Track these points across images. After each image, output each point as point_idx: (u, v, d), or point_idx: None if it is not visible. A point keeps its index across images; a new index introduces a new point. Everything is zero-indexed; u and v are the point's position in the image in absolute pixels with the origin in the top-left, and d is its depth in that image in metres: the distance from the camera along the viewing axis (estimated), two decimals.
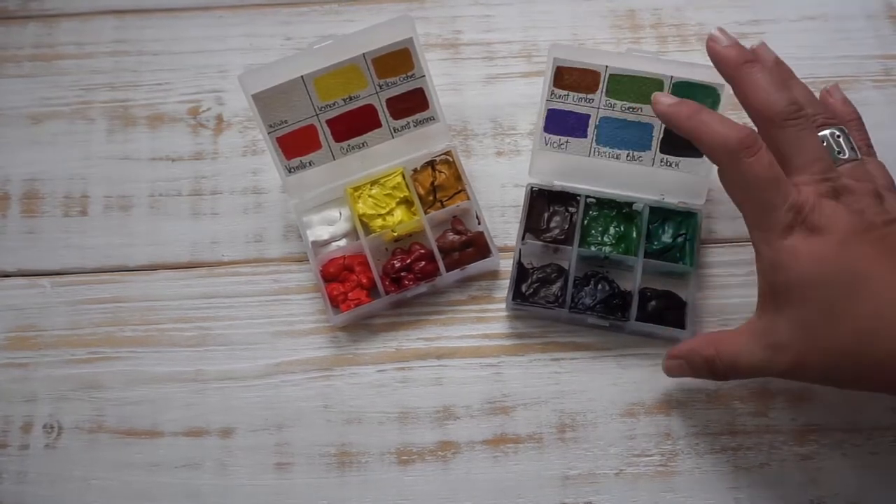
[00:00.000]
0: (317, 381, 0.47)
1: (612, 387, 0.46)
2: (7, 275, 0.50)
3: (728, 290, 0.48)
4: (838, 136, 0.41)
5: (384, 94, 0.47)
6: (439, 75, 0.53)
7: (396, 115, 0.48)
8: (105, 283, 0.49)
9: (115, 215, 0.51)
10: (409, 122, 0.49)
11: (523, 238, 0.47)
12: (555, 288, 0.47)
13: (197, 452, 0.46)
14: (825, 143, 0.40)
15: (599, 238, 0.48)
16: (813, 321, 0.37)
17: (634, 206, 0.48)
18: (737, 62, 0.40)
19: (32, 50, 0.56)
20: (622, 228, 0.48)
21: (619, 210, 0.48)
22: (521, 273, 0.47)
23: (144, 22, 0.56)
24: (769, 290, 0.39)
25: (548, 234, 0.48)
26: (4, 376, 0.48)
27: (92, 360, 0.48)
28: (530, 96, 0.53)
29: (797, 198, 0.37)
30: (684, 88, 0.45)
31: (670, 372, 0.44)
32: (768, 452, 0.45)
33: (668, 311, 0.46)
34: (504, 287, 0.48)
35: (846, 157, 0.41)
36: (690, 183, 0.47)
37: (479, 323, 0.48)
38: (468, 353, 0.47)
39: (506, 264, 0.48)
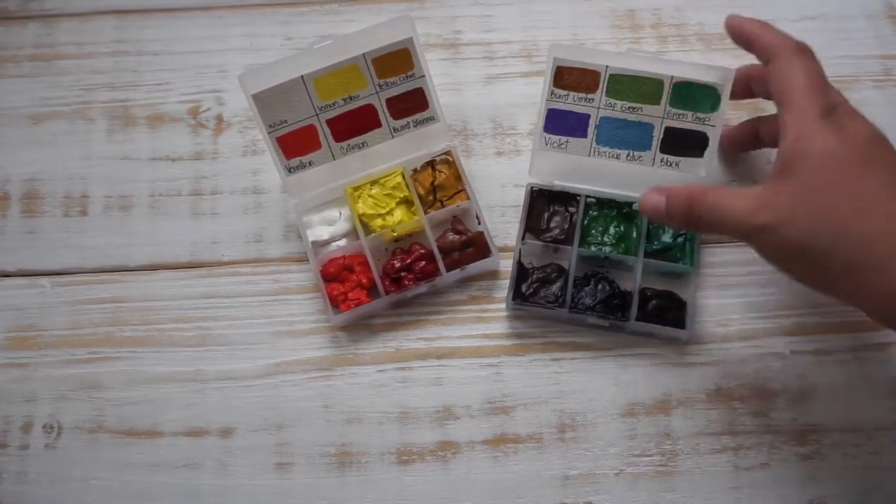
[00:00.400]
0: (317, 381, 0.47)
1: (612, 387, 0.46)
2: (7, 275, 0.50)
3: (728, 290, 0.48)
4: None
5: (384, 93, 0.47)
6: (439, 75, 0.53)
7: (396, 115, 0.48)
8: (105, 283, 0.49)
9: (115, 215, 0.51)
10: (409, 122, 0.49)
11: (523, 238, 0.47)
12: (555, 288, 0.47)
13: (197, 452, 0.46)
14: None
15: (599, 238, 0.48)
16: (815, 190, 0.38)
17: (634, 206, 0.48)
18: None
19: (32, 50, 0.56)
20: (622, 228, 0.48)
21: (619, 210, 0.48)
22: (521, 273, 0.47)
23: (144, 22, 0.56)
24: (785, 159, 0.39)
25: (548, 234, 0.48)
26: (4, 376, 0.48)
27: (92, 360, 0.48)
28: (530, 96, 0.53)
29: (837, 98, 0.40)
30: (684, 89, 0.45)
31: (644, 204, 0.42)
32: (769, 452, 0.45)
33: (668, 310, 0.46)
34: (504, 287, 0.48)
35: None
36: (690, 183, 0.47)
37: (479, 323, 0.48)
38: (468, 353, 0.47)
39: (506, 264, 0.48)
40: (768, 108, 0.52)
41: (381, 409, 0.46)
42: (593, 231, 0.48)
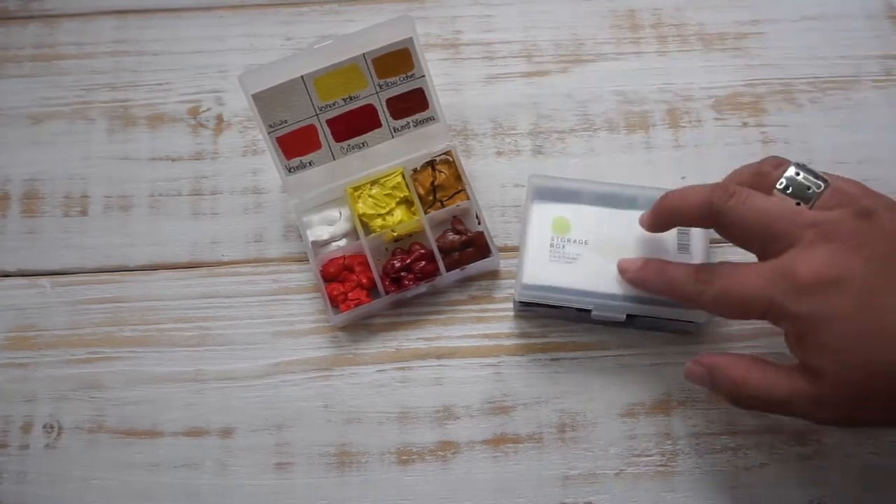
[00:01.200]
0: (317, 381, 0.47)
1: (612, 387, 0.46)
2: (7, 275, 0.50)
3: None
4: (798, 173, 0.38)
5: (384, 94, 0.47)
6: (439, 75, 0.53)
7: (396, 115, 0.48)
8: (105, 283, 0.49)
9: (115, 215, 0.51)
10: (409, 122, 0.49)
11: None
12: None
13: (197, 452, 0.46)
14: (790, 188, 0.38)
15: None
16: (852, 371, 0.35)
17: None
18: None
19: (33, 50, 0.56)
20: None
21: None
22: None
23: (145, 22, 0.56)
24: (803, 356, 0.37)
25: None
26: (4, 376, 0.48)
27: (92, 360, 0.48)
28: (530, 96, 0.53)
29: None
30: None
31: (690, 377, 0.41)
32: (768, 452, 0.45)
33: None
34: (504, 287, 0.48)
35: (820, 187, 0.38)
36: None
37: (479, 323, 0.48)
38: (468, 352, 0.47)
39: (506, 264, 0.48)
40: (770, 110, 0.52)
41: (381, 409, 0.46)
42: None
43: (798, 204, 0.38)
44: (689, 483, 0.44)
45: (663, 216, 0.42)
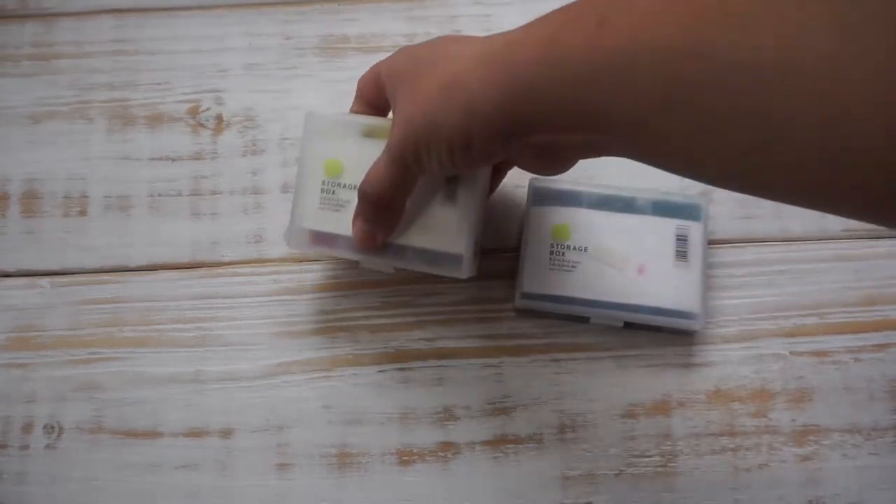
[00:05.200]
0: (317, 381, 0.47)
1: (612, 387, 0.46)
2: (7, 275, 0.50)
3: (727, 291, 0.48)
4: None
5: None
6: None
7: None
8: (105, 283, 0.49)
9: (114, 215, 0.51)
10: None
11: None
12: None
13: (197, 453, 0.46)
14: None
15: None
16: (406, 90, 0.38)
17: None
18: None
19: (31, 49, 0.55)
20: None
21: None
22: None
23: (143, 21, 0.56)
24: (391, 102, 0.40)
25: None
26: (4, 377, 0.48)
27: (92, 361, 0.48)
28: None
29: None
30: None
31: (357, 240, 0.43)
32: (768, 453, 0.45)
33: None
34: (504, 288, 0.48)
35: None
36: None
37: (480, 323, 0.48)
38: (469, 353, 0.47)
39: (506, 265, 0.49)
40: None
41: (381, 409, 0.46)
42: None
43: None
44: (689, 484, 0.44)
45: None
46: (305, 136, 0.44)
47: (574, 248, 0.46)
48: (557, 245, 0.46)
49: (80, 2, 0.57)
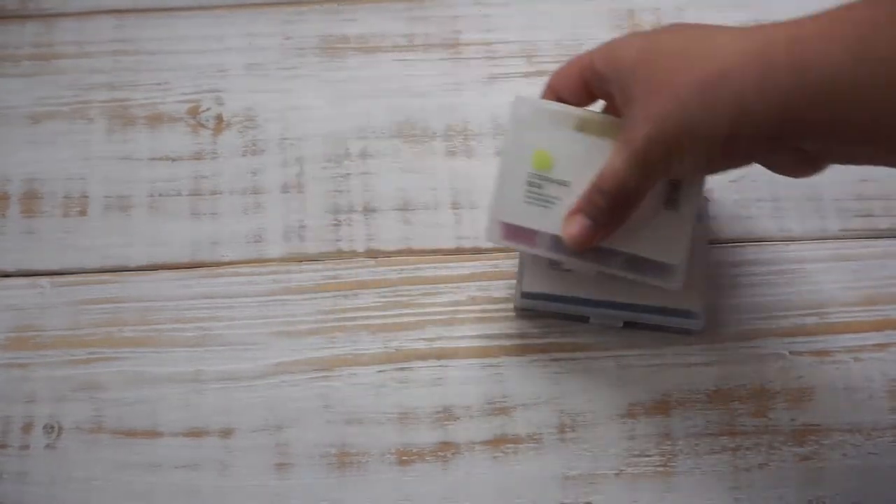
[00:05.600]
0: (317, 381, 0.47)
1: (611, 387, 0.46)
2: (7, 275, 0.50)
3: (727, 291, 0.48)
4: None
5: None
6: (439, 75, 0.53)
7: None
8: (105, 283, 0.49)
9: (114, 215, 0.51)
10: None
11: None
12: None
13: (197, 453, 0.46)
14: None
15: None
16: (651, 81, 0.36)
17: None
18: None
19: (31, 49, 0.55)
20: None
21: None
22: None
23: (143, 21, 0.56)
24: (619, 94, 0.38)
25: None
26: (4, 376, 0.47)
27: (92, 361, 0.48)
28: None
29: None
30: None
31: (573, 236, 0.40)
32: (767, 453, 0.45)
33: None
34: (503, 287, 0.48)
35: None
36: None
37: (480, 323, 0.48)
38: (468, 353, 0.47)
39: (507, 265, 0.49)
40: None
41: (381, 409, 0.46)
42: None
43: None
44: (689, 484, 0.44)
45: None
46: (513, 122, 0.41)
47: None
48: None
49: (80, 2, 0.57)
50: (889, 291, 0.48)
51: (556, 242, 0.41)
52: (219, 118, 0.53)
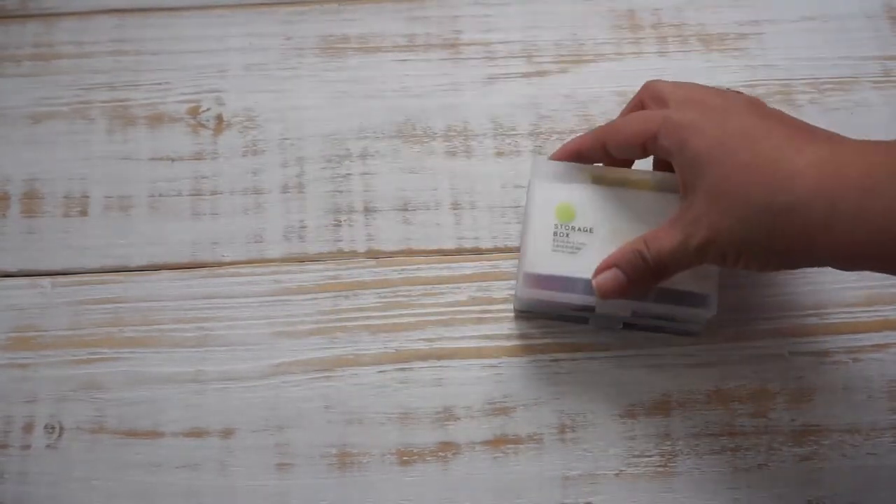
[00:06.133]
0: (317, 381, 0.47)
1: (612, 387, 0.46)
2: (7, 275, 0.50)
3: (726, 291, 0.48)
4: None
5: None
6: (439, 75, 0.53)
7: None
8: (105, 283, 0.49)
9: (115, 215, 0.51)
10: None
11: None
12: None
13: (197, 453, 0.46)
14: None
15: None
16: (720, 185, 0.37)
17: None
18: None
19: (32, 49, 0.55)
20: None
21: None
22: None
23: (144, 21, 0.56)
24: (681, 174, 0.39)
25: None
26: (5, 377, 0.48)
27: (92, 361, 0.48)
28: (530, 96, 0.53)
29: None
30: None
31: (604, 288, 0.41)
32: (767, 453, 0.45)
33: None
34: (503, 288, 0.48)
35: None
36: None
37: (480, 324, 0.48)
38: (468, 353, 0.47)
39: (507, 265, 0.49)
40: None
41: (381, 409, 0.46)
42: None
43: None
44: (689, 484, 0.44)
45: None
46: (534, 179, 0.44)
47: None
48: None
49: (81, 2, 0.57)
50: (889, 292, 0.48)
51: (587, 287, 0.43)
52: (219, 118, 0.53)
